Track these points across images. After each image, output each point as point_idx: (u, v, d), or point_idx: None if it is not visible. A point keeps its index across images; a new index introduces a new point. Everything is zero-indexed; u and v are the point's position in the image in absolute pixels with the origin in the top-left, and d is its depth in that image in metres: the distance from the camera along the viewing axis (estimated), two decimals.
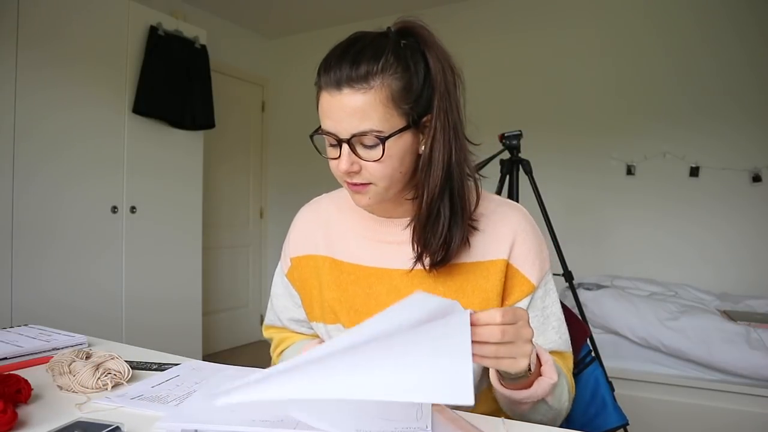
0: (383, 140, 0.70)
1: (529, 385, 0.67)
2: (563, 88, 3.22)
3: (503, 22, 3.41)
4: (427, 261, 0.78)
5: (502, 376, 0.67)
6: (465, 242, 0.78)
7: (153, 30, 2.79)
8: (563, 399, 0.74)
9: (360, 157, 0.72)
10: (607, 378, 1.34)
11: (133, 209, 2.72)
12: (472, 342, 0.52)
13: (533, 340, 0.78)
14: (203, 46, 3.08)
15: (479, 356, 0.58)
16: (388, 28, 0.76)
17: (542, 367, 0.69)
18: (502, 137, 2.11)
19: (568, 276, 2.11)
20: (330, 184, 0.84)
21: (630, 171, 3.05)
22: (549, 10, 3.27)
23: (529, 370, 0.64)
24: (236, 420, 0.59)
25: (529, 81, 3.31)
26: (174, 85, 2.87)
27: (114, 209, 2.63)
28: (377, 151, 0.71)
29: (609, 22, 3.12)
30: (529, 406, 0.71)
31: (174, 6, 3.30)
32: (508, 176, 2.13)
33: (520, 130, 2.11)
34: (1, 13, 2.18)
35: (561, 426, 0.75)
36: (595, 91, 3.14)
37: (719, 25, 2.84)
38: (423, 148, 0.75)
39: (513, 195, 2.13)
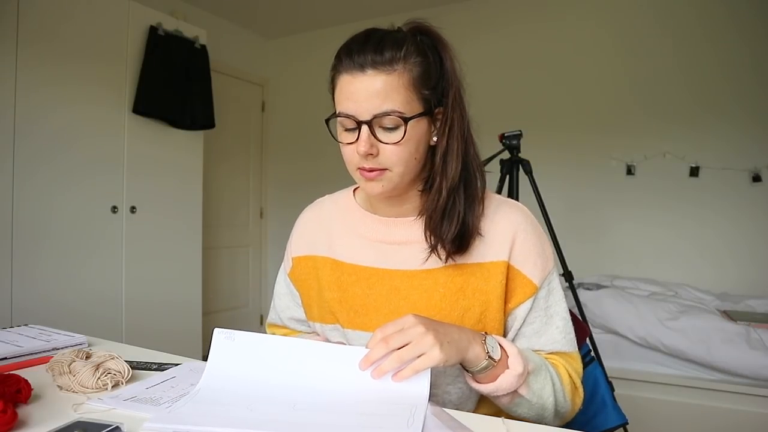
0: (406, 121, 0.71)
1: (495, 379, 0.70)
2: (563, 87, 3.22)
3: (502, 22, 3.41)
4: (442, 253, 0.77)
5: (471, 373, 0.71)
6: (477, 232, 0.78)
7: (153, 30, 2.79)
8: (544, 394, 0.74)
9: (379, 140, 0.72)
10: (606, 378, 1.34)
11: (133, 209, 2.72)
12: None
13: (537, 339, 0.80)
14: (203, 46, 3.08)
15: (396, 372, 0.65)
16: (399, 27, 0.77)
17: (508, 360, 0.71)
18: (502, 137, 2.11)
19: (568, 276, 2.11)
20: (331, 183, 0.84)
21: (630, 171, 3.05)
22: (549, 10, 3.27)
23: (493, 359, 0.69)
24: (225, 422, 0.59)
25: (529, 80, 3.31)
26: (174, 85, 2.86)
27: (114, 209, 2.63)
28: (397, 134, 0.72)
29: (610, 22, 3.12)
30: (508, 400, 0.73)
31: (174, 6, 3.29)
32: (508, 176, 2.14)
33: (520, 130, 2.11)
34: (1, 11, 2.18)
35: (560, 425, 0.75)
36: (595, 90, 3.14)
37: (721, 24, 2.84)
38: (435, 138, 0.77)
39: (513, 195, 2.13)
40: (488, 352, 0.69)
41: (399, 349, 0.65)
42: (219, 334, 0.76)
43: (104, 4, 2.58)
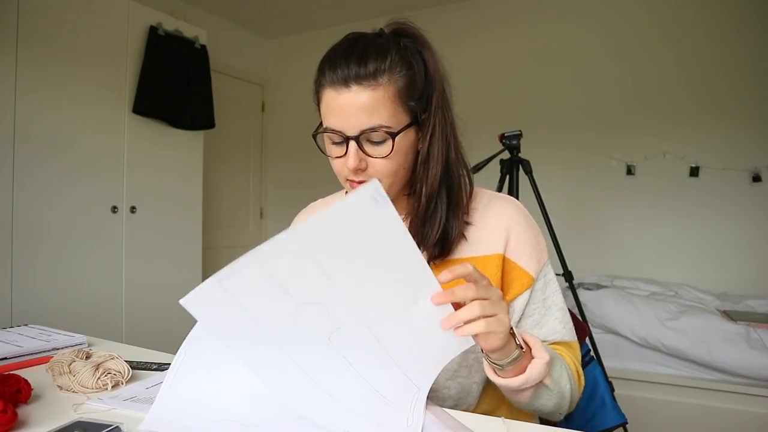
0: (393, 136, 0.71)
1: (524, 370, 0.66)
2: (563, 87, 3.22)
3: (502, 22, 3.41)
4: (425, 255, 0.78)
5: (496, 366, 0.66)
6: (461, 236, 0.78)
7: (153, 30, 2.79)
8: (563, 381, 0.72)
9: (367, 154, 0.72)
10: (606, 378, 1.35)
11: (133, 209, 2.72)
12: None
13: (537, 331, 0.80)
14: (203, 46, 3.08)
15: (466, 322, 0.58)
16: (381, 29, 0.77)
17: (532, 350, 0.68)
18: (502, 137, 2.11)
19: (568, 276, 2.11)
20: (330, 183, 0.84)
21: (630, 171, 3.05)
22: (549, 10, 3.27)
23: (521, 348, 0.64)
24: (223, 424, 0.59)
25: (529, 81, 3.31)
26: (174, 85, 2.86)
27: (114, 209, 2.63)
28: (385, 148, 0.72)
29: (610, 22, 3.12)
30: (530, 393, 0.69)
31: (174, 6, 3.29)
32: (508, 176, 2.13)
33: (520, 130, 2.11)
34: (1, 11, 2.18)
35: (560, 425, 0.75)
36: (595, 90, 3.14)
37: (721, 24, 2.84)
38: (421, 144, 0.77)
39: (513, 195, 2.12)
40: (518, 343, 0.65)
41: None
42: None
43: (104, 4, 2.58)
